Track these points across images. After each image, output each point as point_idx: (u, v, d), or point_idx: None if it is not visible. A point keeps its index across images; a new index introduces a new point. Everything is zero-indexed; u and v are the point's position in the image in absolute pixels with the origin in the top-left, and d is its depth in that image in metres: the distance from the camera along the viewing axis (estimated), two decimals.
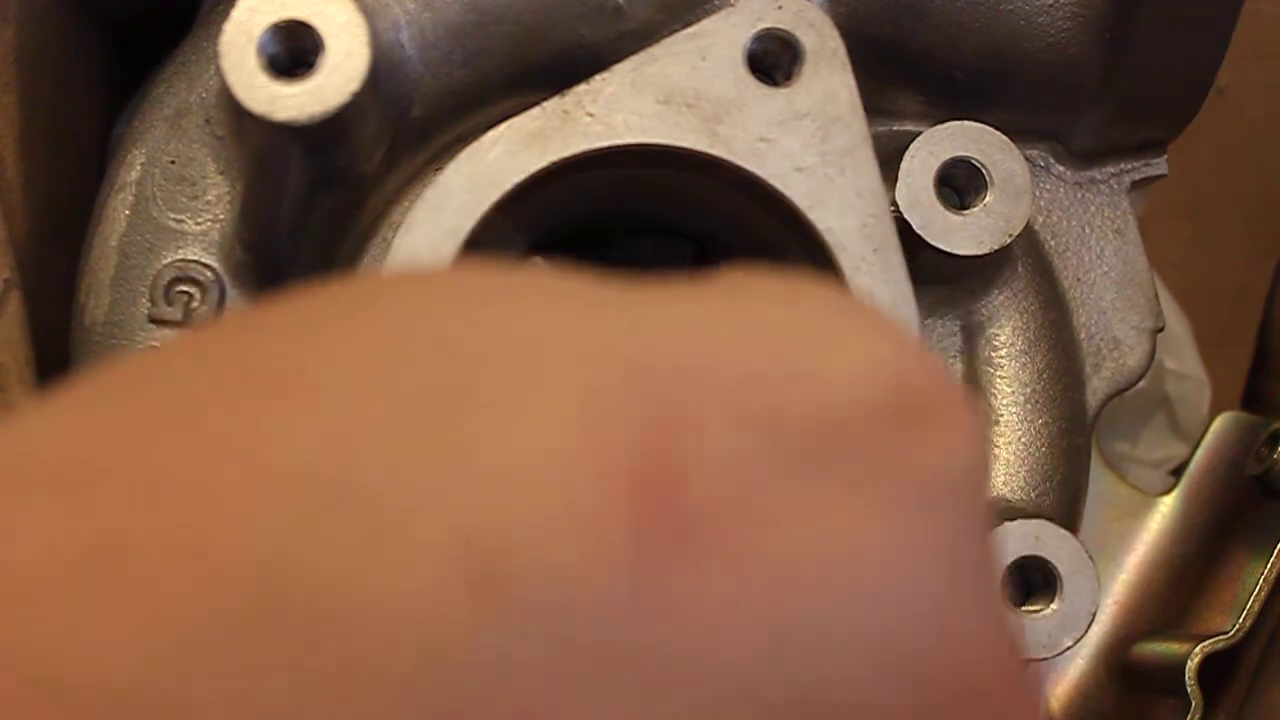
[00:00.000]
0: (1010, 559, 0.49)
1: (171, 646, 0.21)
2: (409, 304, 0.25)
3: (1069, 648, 0.49)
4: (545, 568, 0.21)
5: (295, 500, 0.22)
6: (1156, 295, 0.56)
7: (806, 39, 0.47)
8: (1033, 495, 0.53)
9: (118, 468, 0.23)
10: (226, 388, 0.24)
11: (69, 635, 0.21)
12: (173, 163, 0.50)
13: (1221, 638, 0.57)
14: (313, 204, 0.48)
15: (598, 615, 0.21)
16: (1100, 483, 0.61)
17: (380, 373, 0.23)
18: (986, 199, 0.50)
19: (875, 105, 0.50)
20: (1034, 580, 0.50)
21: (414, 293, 0.26)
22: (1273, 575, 0.58)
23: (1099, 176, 0.56)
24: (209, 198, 0.50)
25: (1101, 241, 0.55)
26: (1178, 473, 0.65)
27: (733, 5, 0.48)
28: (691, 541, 0.22)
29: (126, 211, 0.50)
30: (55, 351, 0.52)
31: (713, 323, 0.25)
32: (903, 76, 0.53)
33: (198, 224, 0.50)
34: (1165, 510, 0.64)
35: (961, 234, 0.50)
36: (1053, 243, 0.55)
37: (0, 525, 0.22)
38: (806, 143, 0.47)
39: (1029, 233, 0.54)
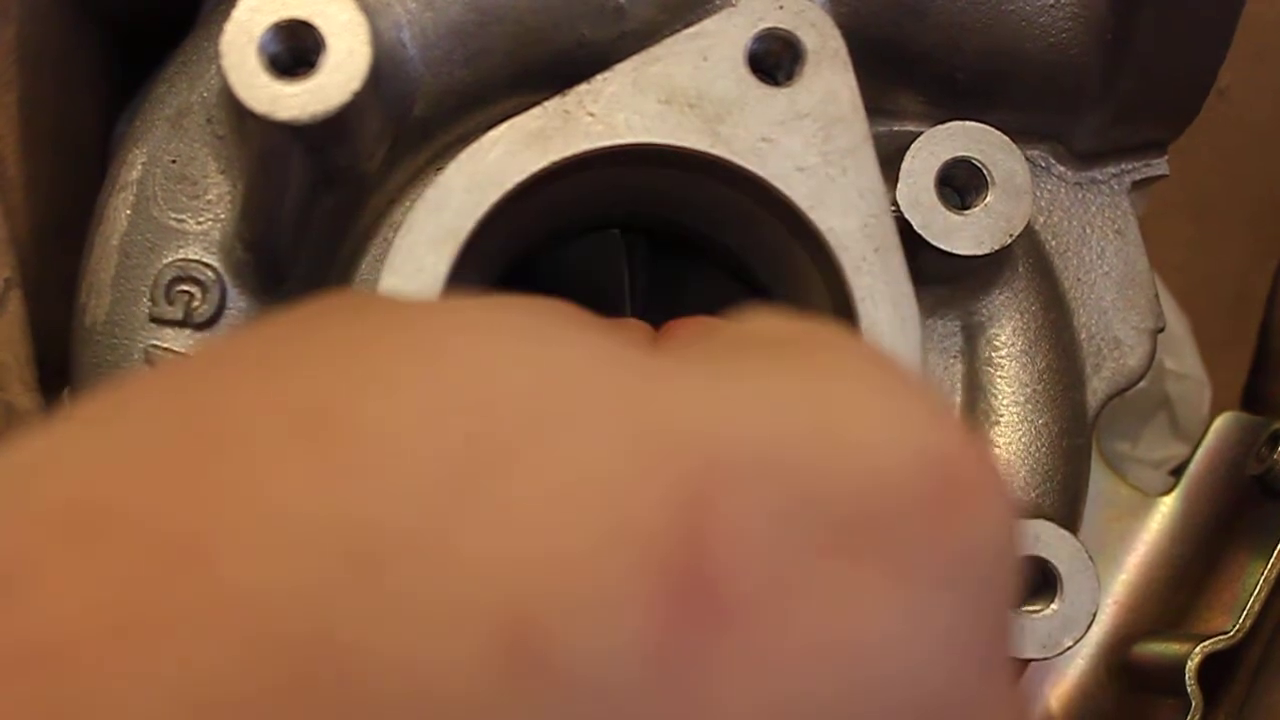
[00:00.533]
0: None
1: (193, 687, 0.20)
2: (447, 350, 0.25)
3: (1069, 648, 0.49)
4: (578, 642, 0.21)
5: (323, 562, 0.21)
6: (1157, 295, 0.56)
7: (808, 39, 0.47)
8: (1033, 495, 0.53)
9: (147, 520, 0.22)
10: (259, 435, 0.23)
11: (95, 697, 0.20)
12: (174, 162, 0.50)
13: (1222, 638, 0.57)
14: (314, 203, 0.48)
15: (630, 692, 0.21)
16: (1100, 483, 0.61)
17: (417, 427, 0.23)
18: (987, 199, 0.50)
19: (876, 105, 0.50)
20: (1034, 580, 0.50)
21: (452, 336, 0.26)
22: (1273, 575, 0.58)
23: (1100, 177, 0.56)
24: (210, 197, 0.50)
25: (1102, 242, 0.55)
26: (1178, 473, 0.65)
27: (734, 5, 0.48)
28: (720, 622, 0.22)
29: (127, 211, 0.50)
30: (56, 351, 0.52)
31: (740, 390, 0.25)
32: (904, 76, 0.53)
33: (199, 223, 0.50)
34: (1165, 510, 0.64)
35: (962, 234, 0.50)
36: (1053, 243, 0.55)
37: (6, 581, 0.21)
38: (808, 143, 0.47)
39: (1030, 233, 0.54)
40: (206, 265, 0.50)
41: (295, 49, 0.43)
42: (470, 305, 0.27)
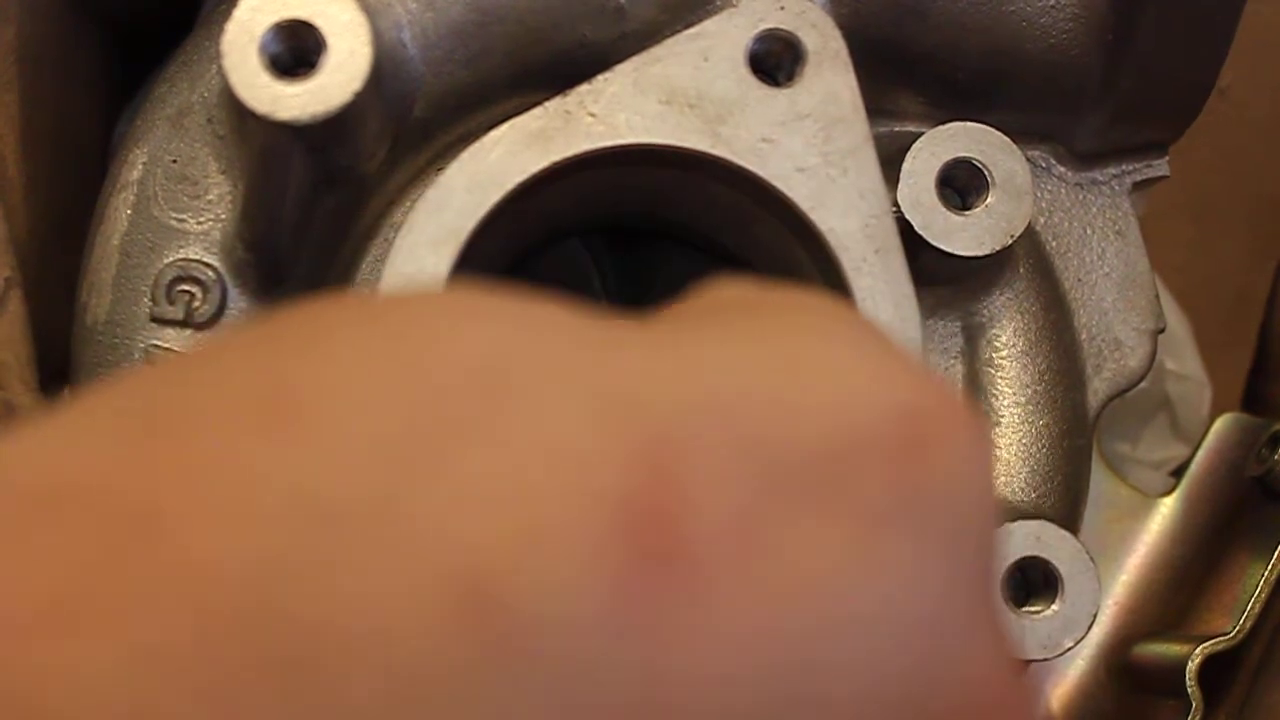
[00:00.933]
0: (1011, 560, 0.49)
1: (146, 660, 0.20)
2: (401, 328, 0.25)
3: (1070, 648, 0.49)
4: (538, 597, 0.21)
5: (288, 525, 0.21)
6: (1158, 296, 0.56)
7: (809, 40, 0.47)
8: (1033, 496, 0.53)
9: (108, 495, 0.22)
10: (217, 413, 0.23)
11: (48, 663, 0.20)
12: (174, 162, 0.50)
13: (1222, 639, 0.57)
14: (315, 204, 0.48)
15: (593, 657, 0.21)
16: (1101, 484, 0.61)
17: (371, 399, 0.23)
18: (988, 200, 0.50)
19: (877, 106, 0.50)
20: (1035, 581, 0.50)
21: (406, 317, 0.26)
22: (1273, 577, 0.58)
23: (1100, 177, 0.56)
24: (211, 197, 0.50)
25: (1103, 242, 0.55)
26: (1178, 474, 0.65)
27: (735, 6, 0.48)
28: (687, 581, 0.22)
29: (128, 211, 0.50)
30: (56, 351, 0.52)
31: (702, 352, 0.25)
32: (905, 77, 0.53)
33: (199, 223, 0.50)
34: (1166, 511, 0.64)
35: (963, 235, 0.50)
36: (1054, 244, 0.55)
37: None
38: (808, 143, 0.47)
39: (1030, 233, 0.54)
40: (207, 265, 0.50)
41: (296, 49, 0.43)
42: (433, 292, 0.27)
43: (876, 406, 0.24)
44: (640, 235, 0.58)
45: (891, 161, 0.49)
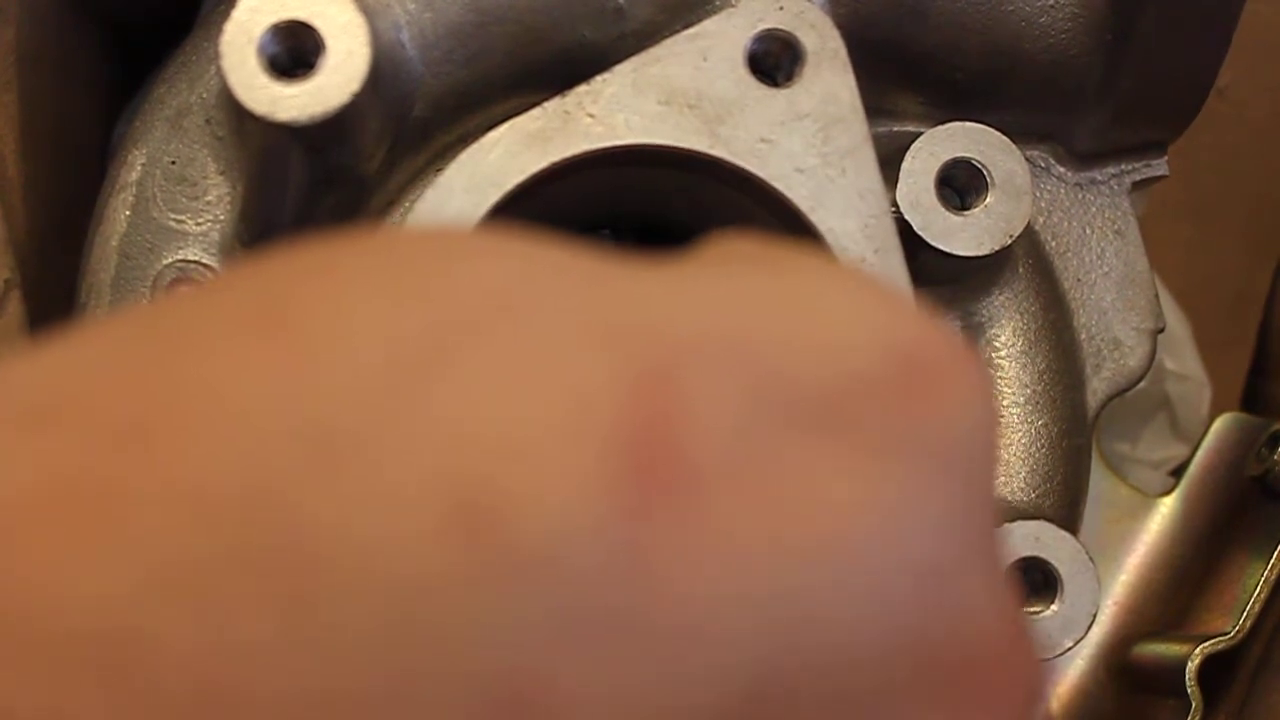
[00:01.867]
0: (1011, 560, 0.49)
1: (140, 584, 0.20)
2: (400, 256, 0.25)
3: (1069, 649, 0.49)
4: (538, 521, 0.21)
5: (283, 445, 0.21)
6: (1157, 296, 0.56)
7: (807, 40, 0.47)
8: (1033, 496, 0.53)
9: (97, 407, 0.22)
10: (214, 331, 0.23)
11: (32, 570, 0.20)
12: (173, 163, 0.50)
13: (1222, 639, 0.57)
14: (314, 204, 0.48)
15: (592, 572, 0.21)
16: (1101, 484, 0.61)
17: (371, 323, 0.23)
18: (987, 200, 0.50)
19: (876, 106, 0.50)
20: (1034, 581, 0.50)
21: (405, 246, 0.26)
22: (1273, 576, 0.58)
23: (1100, 177, 0.56)
24: (209, 198, 0.50)
25: (1102, 242, 0.55)
26: (1178, 474, 0.65)
27: (734, 6, 0.48)
28: (687, 498, 0.22)
29: (127, 212, 0.50)
30: None
31: (707, 288, 0.25)
32: (903, 77, 0.53)
33: (198, 224, 0.50)
34: (1165, 511, 0.64)
35: (962, 235, 0.50)
36: (1053, 243, 0.55)
37: None
38: (807, 144, 0.47)
39: (1029, 233, 0.54)
40: (206, 266, 0.50)
41: (295, 50, 0.43)
42: (441, 229, 0.27)
43: (879, 345, 0.24)
44: (669, 242, 0.58)
45: (890, 161, 0.49)
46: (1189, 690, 0.56)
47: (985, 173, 0.50)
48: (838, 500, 0.23)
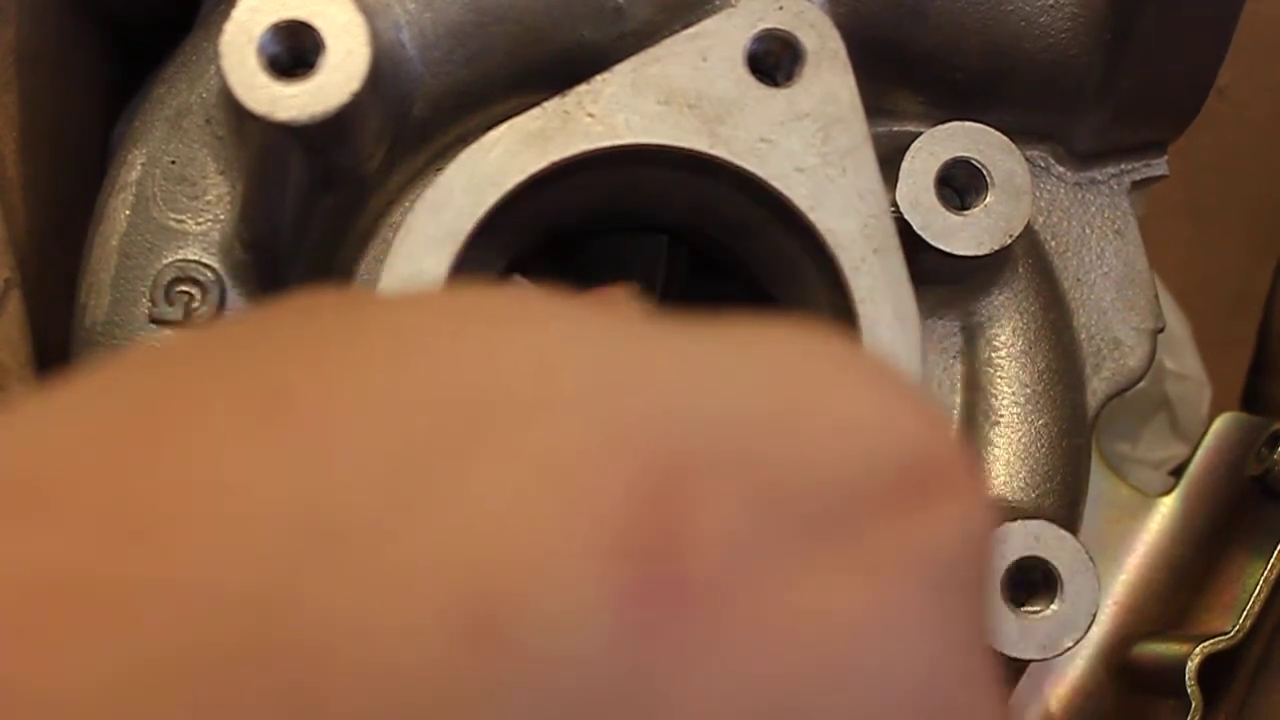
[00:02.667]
0: (1010, 559, 0.49)
1: (134, 678, 0.20)
2: (408, 332, 0.24)
3: (1069, 648, 0.49)
4: (543, 630, 0.21)
5: (287, 538, 0.21)
6: (1157, 296, 0.56)
7: (807, 39, 0.47)
8: (1033, 496, 0.53)
9: (87, 493, 0.21)
10: (210, 408, 0.23)
11: (20, 665, 0.20)
12: (173, 163, 0.50)
13: (1222, 638, 0.57)
14: (313, 204, 0.48)
15: (591, 673, 0.21)
16: (1100, 483, 0.61)
17: (377, 407, 0.22)
18: (987, 199, 0.50)
19: (876, 106, 0.50)
20: (1034, 581, 0.50)
21: (414, 319, 0.25)
22: (1273, 576, 0.58)
23: (1099, 177, 0.56)
24: (209, 198, 0.50)
25: (1102, 242, 0.55)
26: (1178, 473, 0.65)
27: (733, 6, 0.48)
28: (685, 604, 0.22)
29: (127, 211, 0.50)
30: (56, 351, 0.52)
31: (720, 379, 0.25)
32: (903, 77, 0.53)
33: (198, 224, 0.50)
34: (1165, 511, 0.64)
35: (962, 234, 0.50)
36: (1053, 243, 0.55)
37: None
38: (807, 143, 0.47)
39: (1029, 233, 0.54)
40: (206, 266, 0.50)
41: (294, 50, 0.43)
42: (442, 295, 0.27)
43: (887, 450, 0.24)
44: (720, 271, 0.58)
45: (890, 161, 0.49)
46: (1189, 690, 0.56)
47: (985, 172, 0.50)
48: (838, 626, 0.23)
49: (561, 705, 0.21)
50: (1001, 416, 0.53)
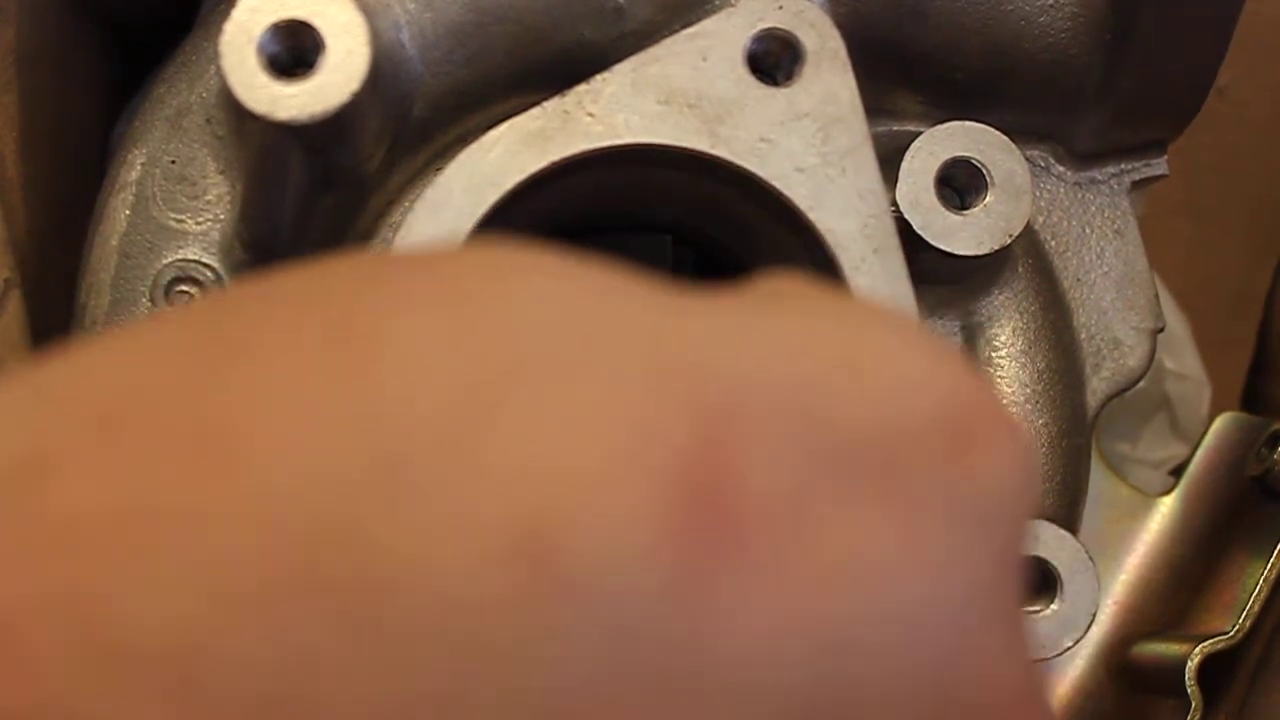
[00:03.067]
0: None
1: (209, 603, 0.21)
2: (463, 273, 0.25)
3: (1069, 648, 0.49)
4: (597, 550, 0.21)
5: (354, 470, 0.22)
6: (1157, 295, 0.56)
7: (807, 39, 0.47)
8: None
9: (167, 417, 0.22)
10: (280, 340, 0.24)
11: (104, 586, 0.21)
12: (173, 163, 0.50)
13: (1222, 638, 0.57)
14: (313, 204, 0.48)
15: (646, 609, 0.22)
16: (1100, 483, 0.61)
17: (438, 348, 0.23)
18: (987, 199, 0.50)
19: (876, 105, 0.50)
20: (1034, 581, 0.50)
21: (468, 264, 0.26)
22: (1273, 576, 0.58)
23: (1099, 177, 0.56)
24: (209, 198, 0.50)
25: (1102, 242, 0.55)
26: (1178, 473, 0.65)
27: (733, 5, 0.48)
28: (738, 544, 0.22)
29: (127, 211, 0.50)
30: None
31: (767, 330, 0.25)
32: (903, 77, 0.53)
33: (198, 224, 0.50)
34: (1165, 511, 0.64)
35: (962, 234, 0.50)
36: (1053, 243, 0.55)
37: (44, 466, 0.22)
38: (807, 143, 0.47)
39: (1029, 233, 0.54)
40: (206, 266, 0.50)
41: (294, 49, 0.43)
42: (512, 248, 0.27)
43: (928, 397, 0.25)
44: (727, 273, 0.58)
45: (890, 161, 0.49)
46: (1189, 690, 0.56)
47: (985, 172, 0.50)
48: (878, 564, 0.24)
49: (615, 641, 0.21)
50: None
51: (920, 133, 0.51)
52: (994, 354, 0.53)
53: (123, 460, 0.22)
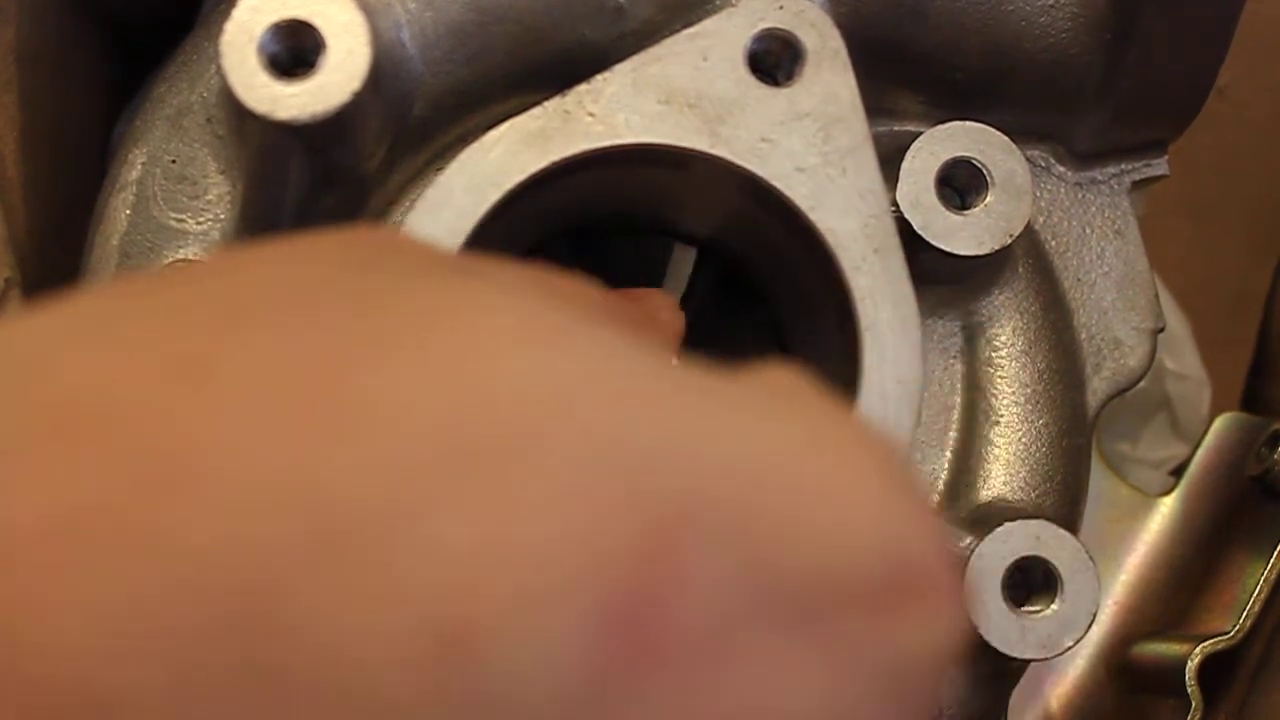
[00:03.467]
0: (1011, 559, 0.49)
1: (122, 641, 0.21)
2: (450, 341, 0.25)
3: (1069, 648, 0.49)
4: (510, 657, 0.21)
5: (292, 533, 0.21)
6: (1157, 295, 0.56)
7: (807, 39, 0.47)
8: (1033, 495, 0.53)
9: (124, 434, 0.22)
10: (257, 376, 0.23)
11: (24, 604, 0.21)
12: (174, 162, 0.50)
13: (1222, 638, 0.57)
14: (314, 204, 0.48)
15: (545, 712, 0.21)
16: (1101, 483, 0.61)
17: (403, 417, 0.23)
18: (987, 199, 0.50)
19: (876, 105, 0.50)
20: (1034, 580, 0.50)
21: (466, 321, 0.25)
22: (1273, 576, 0.58)
23: (1100, 177, 0.56)
24: (210, 197, 0.50)
25: (1102, 242, 0.55)
26: (1178, 473, 0.65)
27: (734, 5, 0.48)
28: (655, 673, 0.22)
29: (127, 211, 0.50)
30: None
31: (742, 443, 0.25)
32: (904, 76, 0.53)
33: (199, 224, 0.50)
34: (1165, 511, 0.64)
35: (962, 234, 0.50)
36: (1053, 243, 0.55)
37: (7, 462, 0.22)
38: (808, 143, 0.47)
39: (1029, 233, 0.54)
40: None
41: (295, 49, 0.43)
42: (486, 281, 0.27)
43: (875, 547, 0.25)
44: (744, 293, 0.58)
45: (891, 161, 0.49)
46: (1189, 690, 0.56)
47: (985, 172, 0.50)
48: (790, 707, 0.24)
49: None
50: (1001, 416, 0.53)
51: (920, 133, 0.51)
52: (994, 354, 0.53)
53: (68, 474, 0.22)
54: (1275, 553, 0.58)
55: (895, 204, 0.49)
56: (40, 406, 0.23)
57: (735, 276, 0.58)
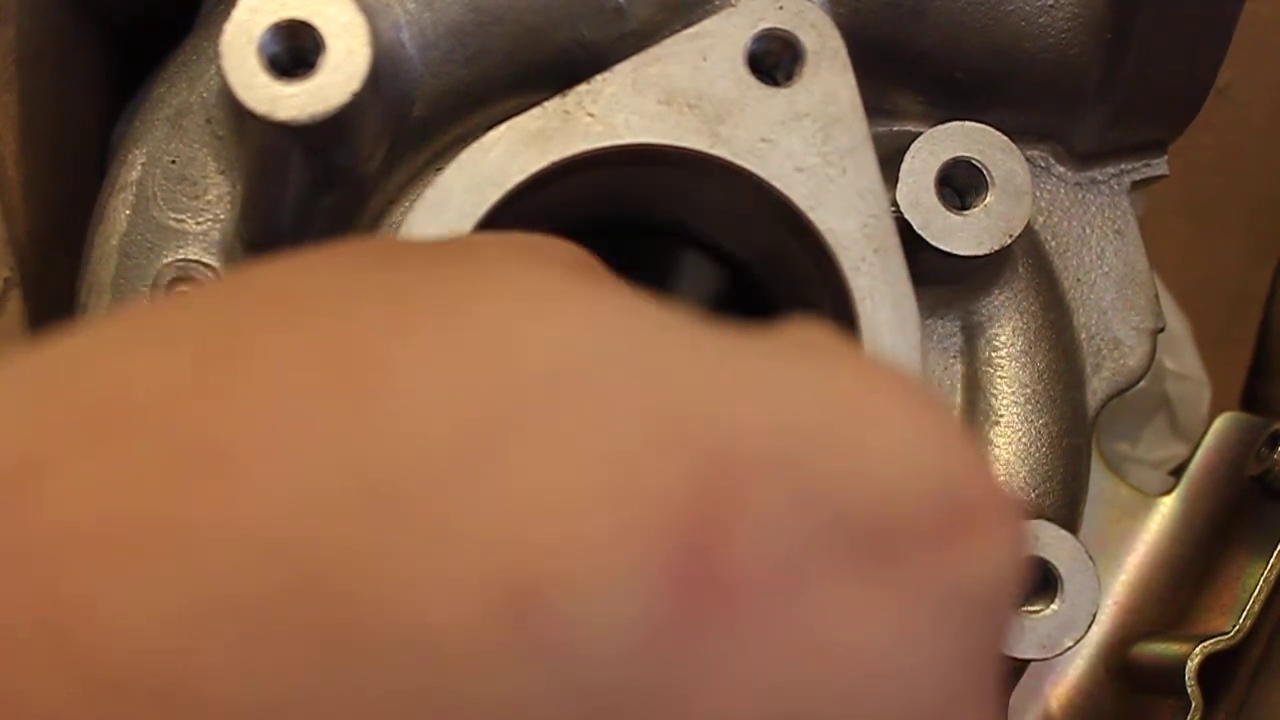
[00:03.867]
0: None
1: (185, 620, 0.21)
2: (493, 300, 0.25)
3: (1069, 648, 0.49)
4: (577, 606, 0.21)
5: (345, 492, 0.21)
6: (1157, 295, 0.56)
7: (807, 39, 0.47)
8: (1033, 495, 0.53)
9: (163, 427, 0.22)
10: (284, 357, 0.23)
11: (79, 593, 0.21)
12: (173, 162, 0.50)
13: (1222, 638, 0.57)
14: (313, 204, 0.48)
15: (620, 662, 0.21)
16: (1100, 483, 0.61)
17: (446, 376, 0.23)
18: (987, 199, 0.50)
19: (876, 105, 0.50)
20: (1034, 580, 0.50)
21: (500, 286, 0.26)
22: (1273, 576, 0.58)
23: (1099, 177, 0.56)
24: (210, 198, 0.50)
25: (1102, 242, 0.55)
26: (1178, 473, 0.65)
27: (733, 5, 0.48)
28: (725, 613, 0.22)
29: (127, 211, 0.50)
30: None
31: (785, 383, 0.25)
32: (903, 77, 0.53)
33: (198, 224, 0.50)
34: (1165, 511, 0.64)
35: (962, 234, 0.50)
36: (1053, 243, 0.55)
37: (37, 471, 0.22)
38: (807, 143, 0.47)
39: (1029, 233, 0.54)
40: (206, 266, 0.50)
41: (295, 49, 0.43)
42: (506, 259, 0.27)
43: (930, 481, 0.25)
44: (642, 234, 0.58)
45: (890, 161, 0.49)
46: (1189, 690, 0.56)
47: (985, 172, 0.50)
48: (863, 639, 0.24)
49: (588, 684, 0.21)
50: (1001, 416, 0.53)
51: (920, 133, 0.51)
52: (994, 354, 0.53)
53: (115, 468, 0.22)
54: (1275, 553, 0.58)
55: (895, 204, 0.49)
56: (82, 408, 0.23)
57: (735, 277, 0.58)
